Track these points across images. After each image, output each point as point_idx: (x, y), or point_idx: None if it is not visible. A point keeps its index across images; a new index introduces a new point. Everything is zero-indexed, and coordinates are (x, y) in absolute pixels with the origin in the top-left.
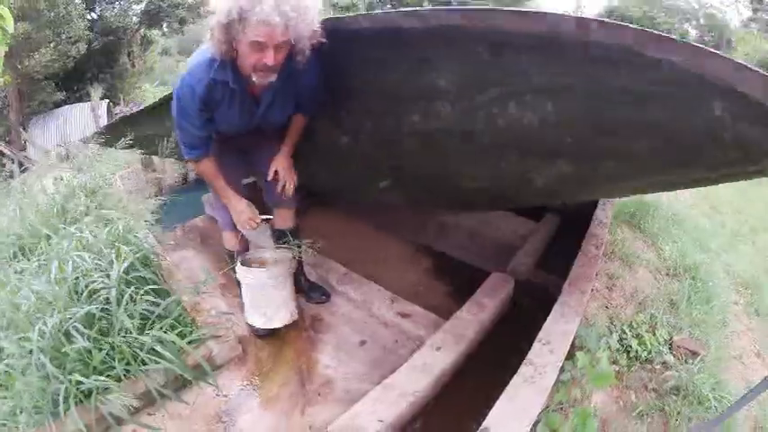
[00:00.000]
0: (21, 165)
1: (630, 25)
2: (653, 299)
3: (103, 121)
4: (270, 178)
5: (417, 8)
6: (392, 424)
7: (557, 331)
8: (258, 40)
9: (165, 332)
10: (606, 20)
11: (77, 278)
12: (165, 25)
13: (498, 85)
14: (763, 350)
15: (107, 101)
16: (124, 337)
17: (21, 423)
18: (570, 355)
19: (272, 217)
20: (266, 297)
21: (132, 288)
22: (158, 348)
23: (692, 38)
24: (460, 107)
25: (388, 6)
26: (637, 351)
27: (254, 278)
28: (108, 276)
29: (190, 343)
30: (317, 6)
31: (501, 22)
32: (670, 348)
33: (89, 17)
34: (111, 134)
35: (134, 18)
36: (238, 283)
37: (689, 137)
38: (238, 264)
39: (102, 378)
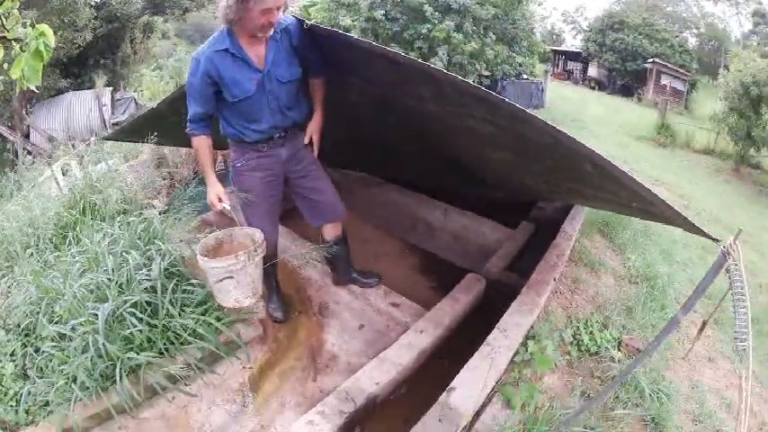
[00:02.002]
0: (25, 150)
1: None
2: (611, 303)
3: (108, 110)
4: (306, 142)
5: (402, 54)
6: (385, 386)
7: (512, 322)
8: (270, 6)
9: (204, 315)
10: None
11: (126, 271)
12: (167, 12)
13: (457, 105)
14: (716, 356)
15: (110, 88)
16: (170, 320)
17: (71, 397)
18: (525, 343)
19: (228, 208)
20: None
21: (173, 281)
22: (199, 329)
23: (692, 46)
24: (439, 105)
25: (389, 5)
26: (587, 345)
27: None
28: (150, 270)
29: (222, 325)
30: None
31: (459, 83)
32: (618, 345)
33: (92, 2)
34: (132, 137)
35: (138, 5)
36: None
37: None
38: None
39: (152, 354)
